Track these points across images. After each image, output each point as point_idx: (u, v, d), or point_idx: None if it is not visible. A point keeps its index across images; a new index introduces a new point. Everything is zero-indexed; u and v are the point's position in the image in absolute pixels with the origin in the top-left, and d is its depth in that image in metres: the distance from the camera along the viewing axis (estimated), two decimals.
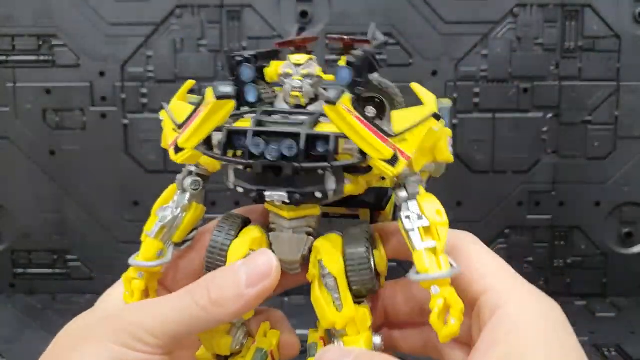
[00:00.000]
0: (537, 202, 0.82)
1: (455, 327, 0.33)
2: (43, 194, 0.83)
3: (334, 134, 0.36)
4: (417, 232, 0.36)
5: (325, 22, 0.80)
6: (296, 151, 0.35)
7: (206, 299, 0.36)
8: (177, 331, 0.36)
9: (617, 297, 0.83)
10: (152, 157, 0.82)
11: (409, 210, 0.37)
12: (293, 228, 0.40)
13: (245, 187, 0.38)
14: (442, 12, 0.79)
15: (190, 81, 0.44)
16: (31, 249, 0.84)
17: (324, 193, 0.37)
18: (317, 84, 0.40)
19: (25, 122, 0.82)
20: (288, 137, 0.36)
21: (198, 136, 0.37)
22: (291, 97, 0.40)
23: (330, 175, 0.37)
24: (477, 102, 0.80)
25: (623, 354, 0.69)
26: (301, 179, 0.36)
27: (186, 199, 0.42)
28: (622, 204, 0.82)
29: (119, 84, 0.81)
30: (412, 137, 0.36)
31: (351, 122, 0.34)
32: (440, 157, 0.39)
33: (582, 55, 0.80)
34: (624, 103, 0.80)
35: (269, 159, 0.36)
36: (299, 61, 0.40)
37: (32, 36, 0.81)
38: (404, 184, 0.38)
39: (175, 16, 0.80)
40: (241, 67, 0.40)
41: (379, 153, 0.35)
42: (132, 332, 0.36)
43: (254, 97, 0.41)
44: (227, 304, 0.36)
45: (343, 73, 0.38)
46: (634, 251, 0.83)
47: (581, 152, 0.81)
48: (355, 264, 0.38)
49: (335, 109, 0.34)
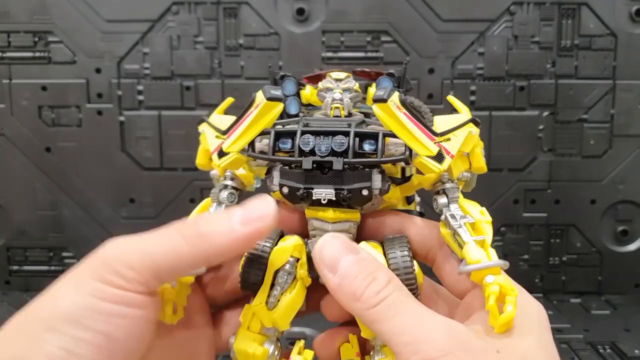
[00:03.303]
0: (532, 199, 0.82)
1: (512, 314, 0.32)
2: (39, 190, 0.83)
3: (382, 132, 0.37)
4: (464, 227, 0.36)
5: (321, 20, 0.80)
6: (346, 146, 0.37)
7: (193, 232, 0.35)
8: (158, 265, 0.34)
9: (612, 295, 0.83)
10: (148, 154, 0.82)
11: (451, 211, 0.38)
12: (336, 232, 0.40)
13: (293, 185, 0.38)
14: (439, 9, 0.79)
15: (230, 99, 0.45)
16: (27, 245, 0.84)
17: (370, 190, 0.37)
18: (355, 97, 0.41)
19: (21, 119, 0.82)
20: (337, 134, 0.37)
21: (246, 138, 0.38)
22: (332, 109, 0.41)
23: (377, 173, 0.38)
24: (474, 100, 0.80)
25: (618, 351, 0.69)
26: (348, 176, 0.37)
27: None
28: (618, 202, 0.83)
29: (115, 80, 0.81)
30: (455, 137, 0.38)
31: (400, 119, 0.36)
32: (476, 163, 0.41)
33: (578, 54, 0.80)
34: (620, 101, 0.80)
35: (319, 155, 0.37)
36: (339, 77, 0.42)
37: (27, 32, 0.80)
38: (444, 190, 0.39)
39: (171, 13, 0.80)
40: (285, 81, 0.43)
41: (426, 149, 0.36)
42: (111, 265, 0.34)
43: (296, 109, 0.42)
44: (215, 237, 0.35)
45: (384, 82, 0.40)
46: (629, 249, 0.84)
47: (577, 150, 0.81)
48: (400, 266, 0.38)
49: (386, 106, 0.35)
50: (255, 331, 0.41)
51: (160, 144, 0.81)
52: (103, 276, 0.34)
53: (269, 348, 0.41)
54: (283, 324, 0.41)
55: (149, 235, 0.36)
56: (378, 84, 0.41)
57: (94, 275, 0.34)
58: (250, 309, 0.41)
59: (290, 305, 0.40)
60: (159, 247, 0.35)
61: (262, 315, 0.40)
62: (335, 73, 0.42)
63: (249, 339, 0.41)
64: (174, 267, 0.35)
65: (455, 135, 0.38)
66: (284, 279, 0.40)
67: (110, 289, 0.34)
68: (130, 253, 0.35)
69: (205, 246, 0.35)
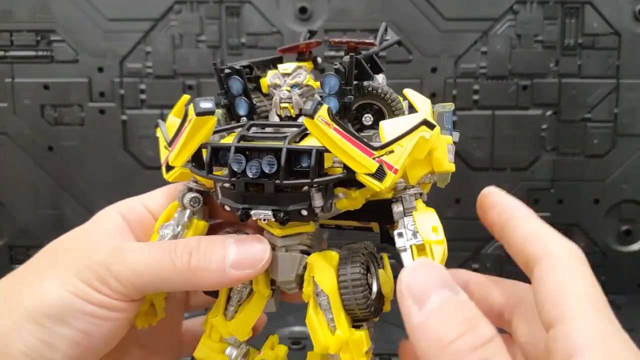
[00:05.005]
0: (536, 199, 0.82)
1: None
2: (41, 189, 0.83)
3: (316, 148, 0.33)
4: (410, 251, 0.34)
5: (324, 18, 0.79)
6: (276, 167, 0.33)
7: (184, 263, 0.35)
8: (145, 285, 0.35)
9: (615, 295, 0.83)
10: (150, 153, 0.82)
11: (404, 227, 0.35)
12: (286, 246, 0.38)
13: (231, 205, 0.36)
14: (442, 8, 0.79)
15: (186, 96, 0.42)
16: (29, 244, 0.84)
17: (311, 210, 0.34)
18: (306, 93, 0.38)
19: (24, 118, 0.82)
20: (269, 152, 0.34)
21: (185, 154, 0.35)
22: (280, 108, 0.38)
23: (316, 192, 0.34)
24: (477, 99, 0.80)
25: None
26: (286, 197, 0.34)
27: (186, 216, 0.41)
28: (621, 202, 0.82)
29: (117, 79, 0.81)
30: (401, 148, 0.33)
31: (330, 135, 0.32)
32: (438, 168, 0.37)
33: (582, 53, 0.79)
34: (623, 100, 0.80)
35: (250, 176, 0.34)
36: (287, 70, 0.38)
37: (30, 31, 0.80)
38: (400, 198, 0.36)
39: (174, 12, 0.80)
40: (230, 80, 0.39)
41: (362, 167, 0.33)
42: (99, 273, 0.35)
43: (244, 110, 0.39)
44: (205, 275, 0.35)
45: (330, 81, 0.36)
46: (632, 249, 0.83)
47: (580, 150, 0.81)
48: (348, 281, 0.36)
49: (313, 123, 0.32)
50: (215, 340, 0.41)
51: None
52: (89, 280, 0.35)
53: (230, 354, 0.41)
54: (241, 334, 0.41)
55: (141, 252, 0.36)
56: (322, 83, 0.37)
57: (80, 276, 0.35)
58: (208, 320, 0.41)
59: (247, 317, 0.40)
60: (148, 269, 0.35)
61: (219, 327, 0.40)
62: (282, 65, 0.39)
63: (209, 348, 0.41)
64: (159, 289, 0.36)
65: (401, 144, 0.33)
66: (239, 292, 0.40)
67: (94, 293, 0.34)
68: (119, 266, 0.35)
69: (193, 281, 0.35)
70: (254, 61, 0.42)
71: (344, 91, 0.36)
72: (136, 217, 0.41)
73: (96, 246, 0.37)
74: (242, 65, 0.39)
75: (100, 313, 0.35)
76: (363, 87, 0.38)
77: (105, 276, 0.35)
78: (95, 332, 0.35)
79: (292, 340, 0.73)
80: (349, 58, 0.36)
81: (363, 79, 0.38)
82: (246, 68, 0.40)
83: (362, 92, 0.38)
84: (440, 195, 0.37)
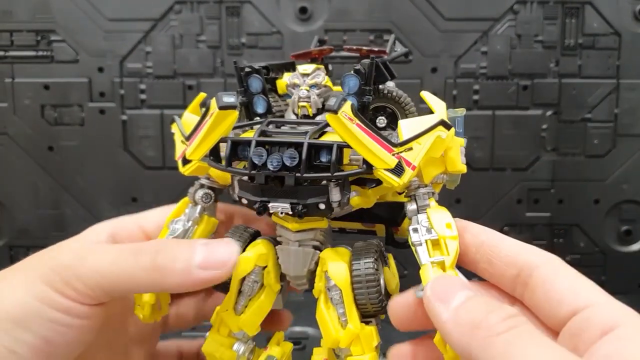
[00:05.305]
0: (536, 199, 0.82)
1: None
2: (41, 189, 0.83)
3: (337, 143, 0.35)
4: (425, 245, 0.35)
5: (324, 18, 0.79)
6: (298, 161, 0.35)
7: (150, 262, 0.34)
8: (111, 285, 0.35)
9: (616, 295, 0.82)
10: (150, 153, 0.82)
11: (418, 223, 0.36)
12: (299, 241, 0.39)
13: (249, 198, 0.37)
14: (442, 8, 0.79)
15: (202, 94, 0.43)
16: (29, 244, 0.84)
17: (328, 205, 0.36)
18: (324, 93, 0.39)
19: (24, 118, 0.82)
20: (290, 146, 0.35)
21: (204, 147, 0.37)
22: (299, 107, 0.39)
23: (334, 186, 0.36)
24: (477, 99, 0.80)
25: None
26: (304, 190, 0.36)
27: (197, 212, 0.41)
28: (621, 202, 0.82)
29: (117, 79, 0.81)
30: (419, 145, 0.35)
31: (352, 130, 0.33)
32: (451, 167, 0.38)
33: (582, 53, 0.79)
34: (624, 100, 0.80)
35: (270, 169, 0.35)
36: (306, 71, 0.40)
37: (30, 31, 0.80)
38: (414, 196, 0.37)
39: (174, 12, 0.80)
40: (250, 79, 0.40)
41: (382, 162, 0.34)
42: (64, 276, 0.34)
43: (262, 108, 0.40)
44: (171, 275, 0.35)
45: (350, 81, 0.37)
46: (632, 249, 0.83)
47: (580, 150, 0.81)
48: (362, 276, 0.37)
49: (337, 118, 0.33)
50: (224, 335, 0.41)
51: (163, 143, 0.81)
52: (53, 283, 0.34)
53: (238, 350, 0.41)
54: (250, 328, 0.41)
55: (107, 253, 0.36)
56: (343, 83, 0.38)
57: (44, 279, 0.34)
58: (219, 314, 0.41)
59: (257, 312, 0.41)
60: (113, 267, 0.35)
61: (229, 321, 0.41)
62: (302, 66, 0.40)
63: (218, 343, 0.41)
64: (126, 289, 0.36)
65: (420, 142, 0.35)
66: (250, 286, 0.40)
67: (59, 297, 0.34)
68: (84, 268, 0.35)
69: (159, 280, 0.35)
70: (270, 64, 0.43)
71: (364, 91, 0.37)
72: (126, 233, 0.41)
73: (63, 249, 0.37)
74: (261, 65, 0.41)
75: (64, 320, 0.34)
76: (379, 90, 0.39)
77: (70, 278, 0.34)
78: (57, 339, 0.34)
79: (293, 341, 0.72)
80: (370, 60, 0.38)
81: (379, 82, 0.39)
82: (263, 69, 0.42)
83: (378, 94, 0.39)
84: (441, 196, 0.38)
